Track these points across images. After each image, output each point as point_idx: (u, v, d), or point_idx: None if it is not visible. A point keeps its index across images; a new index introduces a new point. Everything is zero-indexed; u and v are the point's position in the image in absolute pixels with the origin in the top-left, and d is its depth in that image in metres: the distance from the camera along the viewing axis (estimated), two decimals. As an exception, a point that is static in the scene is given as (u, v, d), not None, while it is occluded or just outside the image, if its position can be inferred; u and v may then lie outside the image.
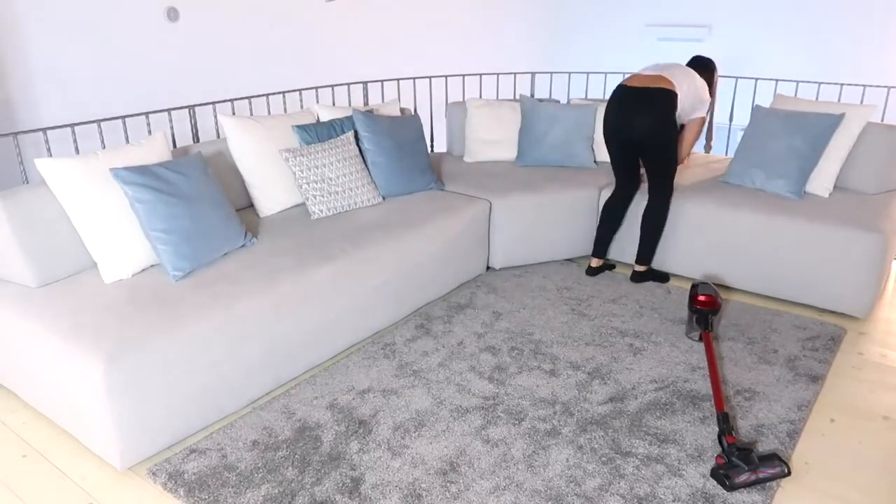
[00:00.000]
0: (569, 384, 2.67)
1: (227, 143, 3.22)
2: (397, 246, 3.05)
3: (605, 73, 5.45)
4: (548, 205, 3.66)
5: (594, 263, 3.68)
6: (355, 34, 5.42)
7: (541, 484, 2.13)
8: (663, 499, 2.06)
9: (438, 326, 3.13)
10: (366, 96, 4.81)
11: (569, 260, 3.89)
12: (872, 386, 2.69)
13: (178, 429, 2.31)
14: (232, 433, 2.39)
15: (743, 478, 2.08)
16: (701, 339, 2.95)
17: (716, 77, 3.69)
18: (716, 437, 2.33)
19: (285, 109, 4.38)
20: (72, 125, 3.27)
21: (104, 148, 3.29)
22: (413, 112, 4.17)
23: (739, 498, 2.06)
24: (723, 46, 6.63)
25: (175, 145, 3.74)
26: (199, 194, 2.65)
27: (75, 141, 3.33)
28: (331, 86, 4.51)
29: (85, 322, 2.23)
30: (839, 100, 4.31)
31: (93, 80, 3.91)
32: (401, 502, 2.06)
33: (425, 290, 3.27)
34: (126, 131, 3.58)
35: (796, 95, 4.07)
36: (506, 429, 2.39)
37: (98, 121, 3.38)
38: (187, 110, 3.85)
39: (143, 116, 3.73)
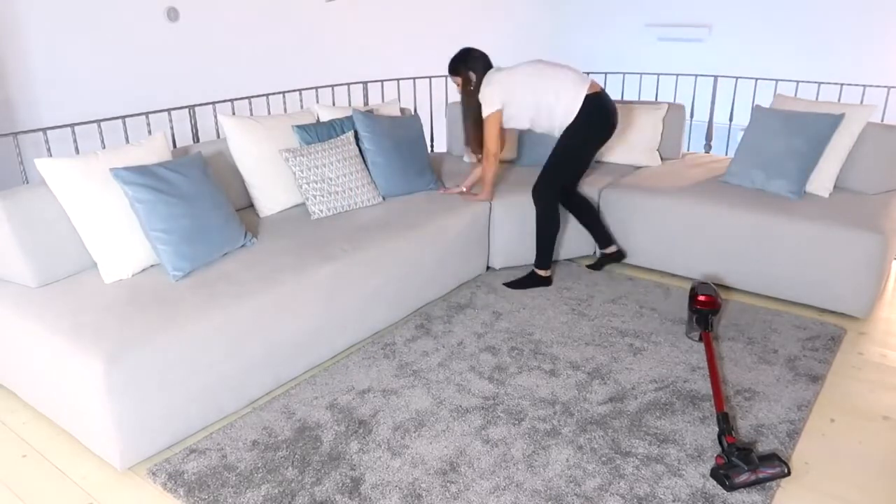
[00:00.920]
0: (569, 384, 2.67)
1: (227, 143, 3.22)
2: (397, 246, 3.05)
3: (605, 73, 5.45)
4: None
5: (609, 251, 3.69)
6: (355, 34, 5.42)
7: (541, 484, 2.13)
8: (663, 499, 2.06)
9: (438, 326, 3.13)
10: (366, 96, 4.81)
11: (569, 260, 3.88)
12: (872, 386, 2.69)
13: (178, 429, 2.31)
14: (232, 433, 2.39)
15: (743, 478, 2.08)
16: (701, 340, 2.95)
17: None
18: (716, 437, 2.33)
19: (285, 109, 4.38)
20: (72, 125, 3.27)
21: (104, 148, 3.29)
22: (413, 112, 4.17)
23: (739, 498, 2.06)
24: (723, 46, 6.63)
25: (175, 145, 3.74)
26: (199, 194, 2.65)
27: (75, 141, 3.33)
28: (331, 86, 4.51)
29: (85, 322, 2.23)
30: (839, 100, 4.31)
31: (93, 80, 3.91)
32: (401, 502, 2.06)
33: (425, 290, 3.27)
34: (126, 131, 3.58)
35: (796, 95, 4.07)
36: (506, 429, 2.39)
37: (98, 121, 3.38)
38: (187, 110, 3.85)
39: (143, 116, 3.73)
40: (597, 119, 3.29)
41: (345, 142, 3.35)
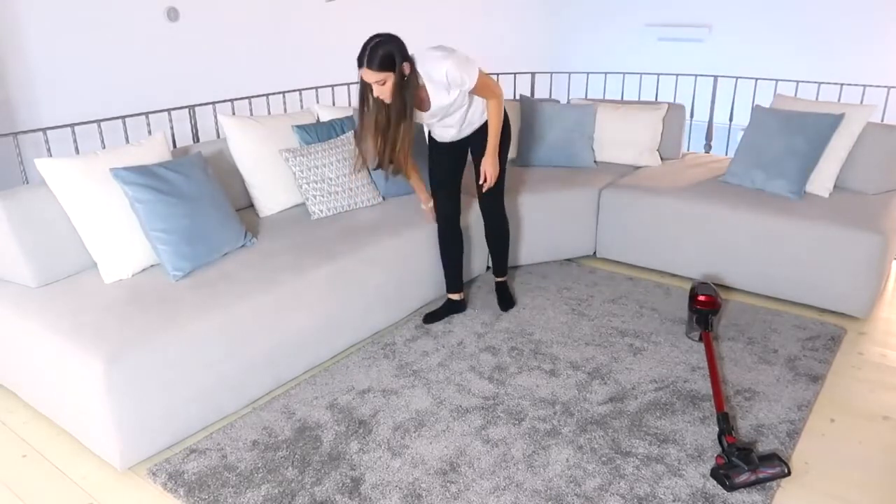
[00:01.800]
0: (569, 384, 2.66)
1: (227, 143, 3.22)
2: (397, 246, 3.05)
3: (605, 73, 5.44)
4: (548, 205, 3.66)
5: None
6: (355, 34, 5.40)
7: (541, 484, 2.12)
8: (663, 499, 2.06)
9: (438, 326, 3.13)
10: (366, 96, 4.80)
11: (568, 260, 3.88)
12: (872, 386, 2.69)
13: (178, 429, 2.31)
14: (232, 433, 2.39)
15: (743, 478, 2.08)
16: (701, 340, 2.95)
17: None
18: (716, 437, 2.33)
19: (285, 109, 4.38)
20: (72, 125, 3.26)
21: (104, 148, 3.29)
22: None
23: (739, 498, 2.06)
24: (723, 46, 6.63)
25: (175, 145, 3.74)
26: (199, 194, 2.65)
27: (75, 141, 3.32)
28: (331, 86, 4.51)
29: (85, 322, 2.23)
30: (839, 100, 4.31)
31: (93, 80, 3.91)
32: (401, 502, 2.05)
33: (425, 290, 3.27)
34: (126, 131, 3.58)
35: (796, 95, 4.06)
36: (506, 429, 2.39)
37: (98, 121, 3.38)
38: (187, 110, 3.85)
39: (143, 116, 3.72)
40: (507, 123, 3.03)
41: (345, 142, 3.35)
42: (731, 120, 4.84)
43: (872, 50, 5.88)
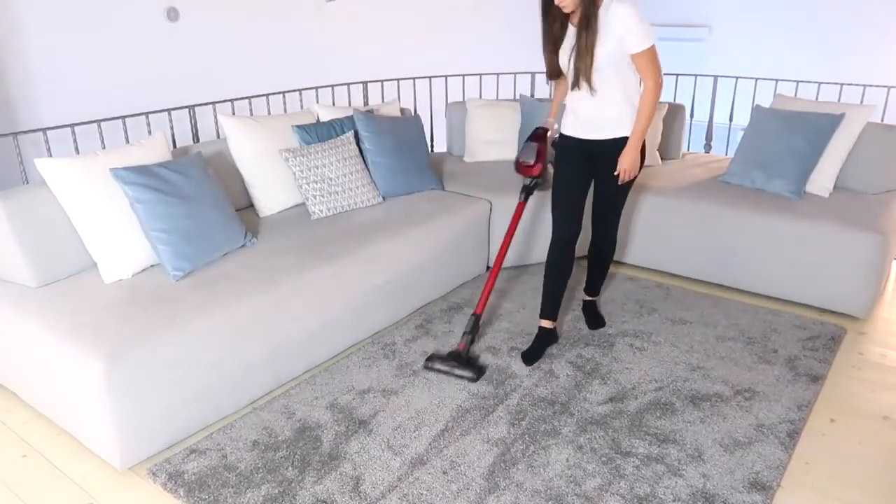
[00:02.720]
0: (569, 384, 2.66)
1: (227, 143, 3.22)
2: (397, 246, 3.05)
3: (605, 73, 5.43)
4: (548, 205, 3.66)
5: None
6: (355, 34, 5.41)
7: (541, 484, 2.12)
8: (663, 499, 2.06)
9: (438, 326, 3.13)
10: (366, 96, 4.80)
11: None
12: (872, 386, 2.69)
13: (178, 429, 2.31)
14: (232, 433, 2.39)
15: (438, 365, 2.70)
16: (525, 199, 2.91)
17: None
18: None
19: (285, 109, 4.38)
20: (72, 125, 3.26)
21: (104, 148, 3.29)
22: (413, 112, 4.17)
23: (739, 498, 2.06)
24: (723, 46, 6.63)
25: (175, 145, 3.74)
26: (199, 194, 2.65)
27: (75, 141, 3.32)
28: (331, 86, 4.51)
29: (85, 322, 2.23)
30: (839, 100, 4.31)
31: (93, 80, 3.91)
32: (400, 502, 2.05)
33: (425, 290, 3.27)
34: (126, 131, 3.58)
35: (796, 95, 4.06)
36: (505, 429, 2.39)
37: (98, 121, 3.38)
38: (187, 110, 3.85)
39: (143, 116, 3.72)
40: None
41: (345, 142, 3.35)
42: (731, 120, 4.84)
43: (872, 50, 5.88)
